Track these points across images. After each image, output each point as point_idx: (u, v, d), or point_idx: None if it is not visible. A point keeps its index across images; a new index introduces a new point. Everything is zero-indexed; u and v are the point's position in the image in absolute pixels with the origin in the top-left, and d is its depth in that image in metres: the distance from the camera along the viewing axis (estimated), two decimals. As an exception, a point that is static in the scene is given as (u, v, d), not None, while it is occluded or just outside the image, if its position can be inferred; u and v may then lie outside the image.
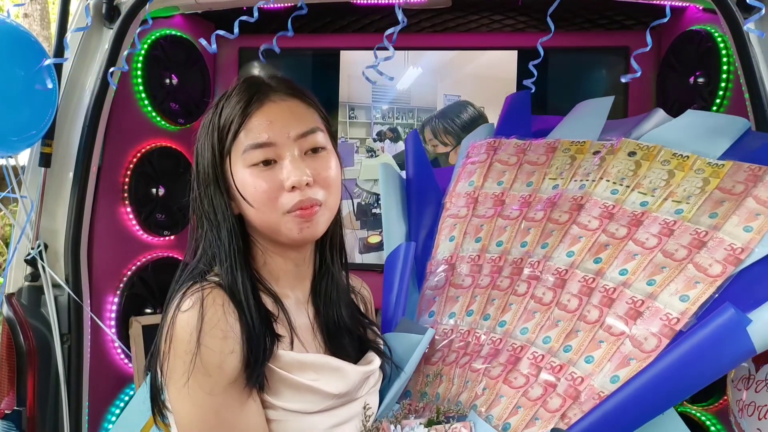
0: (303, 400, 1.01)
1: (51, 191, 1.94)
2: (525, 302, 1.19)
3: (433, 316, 1.28)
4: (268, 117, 1.02)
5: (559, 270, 1.19)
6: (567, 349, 1.10)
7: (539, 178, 1.36)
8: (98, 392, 2.04)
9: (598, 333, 1.09)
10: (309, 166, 1.02)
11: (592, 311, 1.12)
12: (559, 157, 1.38)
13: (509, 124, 1.53)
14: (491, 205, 1.37)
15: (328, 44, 2.53)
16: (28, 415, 1.83)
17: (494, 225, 1.33)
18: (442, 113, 2.47)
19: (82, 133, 1.96)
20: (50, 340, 1.88)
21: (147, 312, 2.24)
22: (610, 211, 1.22)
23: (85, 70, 2.00)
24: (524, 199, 1.34)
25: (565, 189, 1.31)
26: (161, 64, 2.31)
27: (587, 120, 1.45)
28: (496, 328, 1.20)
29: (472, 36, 2.55)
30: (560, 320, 1.13)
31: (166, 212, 2.34)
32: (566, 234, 1.23)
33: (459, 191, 1.43)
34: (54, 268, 1.92)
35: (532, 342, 1.14)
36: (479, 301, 1.25)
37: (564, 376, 1.08)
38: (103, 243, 2.10)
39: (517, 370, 1.12)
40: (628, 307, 1.09)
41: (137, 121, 2.27)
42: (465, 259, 1.32)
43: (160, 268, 2.31)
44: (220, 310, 0.97)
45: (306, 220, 1.01)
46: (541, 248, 1.24)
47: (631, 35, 2.43)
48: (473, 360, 1.17)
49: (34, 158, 1.92)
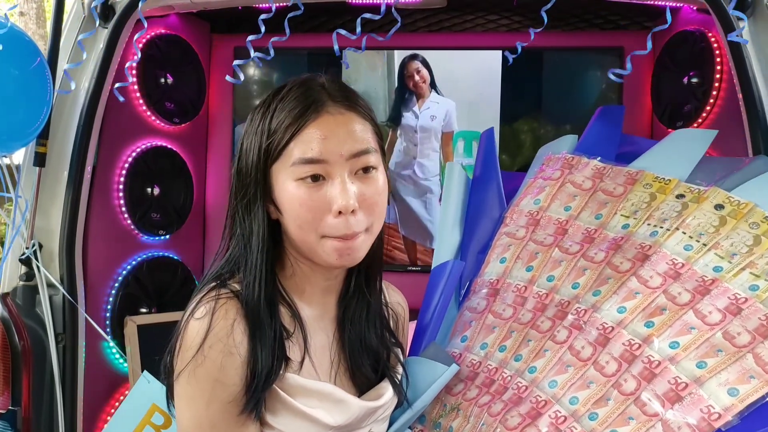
0: (300, 426, 0.98)
1: (46, 191, 1.94)
2: (561, 352, 1.09)
3: (465, 341, 1.20)
4: (323, 131, 0.96)
5: (605, 326, 1.08)
6: (593, 417, 1.00)
7: (610, 212, 1.22)
8: (93, 392, 2.04)
9: (630, 408, 0.99)
10: (357, 187, 0.97)
11: (629, 382, 1.01)
12: (638, 192, 1.22)
13: (594, 140, 1.38)
14: (552, 232, 1.25)
15: (323, 44, 2.53)
16: (23, 415, 1.83)
17: (549, 256, 1.22)
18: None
19: (77, 132, 1.96)
20: (45, 340, 1.87)
21: (142, 311, 2.24)
22: (678, 270, 1.09)
23: (79, 69, 1.99)
24: (588, 234, 1.22)
25: (634, 232, 1.18)
26: (156, 64, 2.30)
27: (681, 152, 1.28)
28: (525, 373, 1.10)
29: (468, 36, 2.55)
30: (593, 382, 1.03)
31: (161, 212, 2.33)
32: (622, 285, 1.11)
33: (522, 208, 1.32)
34: (49, 268, 1.91)
35: (558, 399, 1.04)
36: (514, 337, 1.15)
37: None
38: (97, 242, 2.10)
39: (535, 426, 1.03)
40: (669, 387, 0.98)
41: (132, 121, 2.26)
42: (511, 287, 1.22)
43: (156, 267, 2.31)
44: (230, 325, 0.95)
45: (347, 248, 0.98)
46: (593, 295, 1.13)
47: (626, 35, 2.44)
48: (493, 402, 1.09)
49: (29, 158, 1.91)
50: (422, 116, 2.48)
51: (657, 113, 2.30)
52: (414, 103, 2.49)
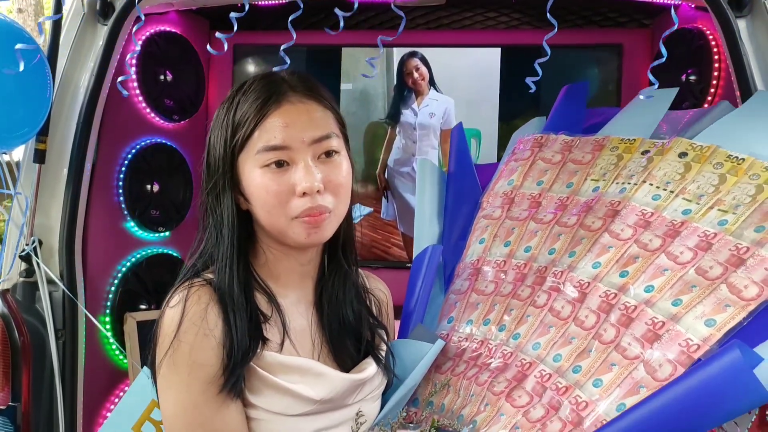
0: (284, 402, 1.00)
1: (45, 187, 1.94)
2: (542, 315, 1.12)
3: (452, 322, 1.23)
4: (284, 119, 1.01)
5: (582, 282, 1.10)
6: (576, 370, 1.02)
7: (581, 179, 1.25)
8: (93, 388, 2.05)
9: (612, 355, 1.01)
10: (321, 171, 1.01)
11: (609, 330, 1.03)
12: (606, 156, 1.26)
13: (561, 118, 1.42)
14: (526, 207, 1.28)
15: (321, 41, 2.53)
16: (23, 411, 1.83)
17: (525, 228, 1.25)
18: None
19: (77, 129, 1.96)
20: (45, 336, 1.88)
21: (142, 308, 2.24)
22: (647, 219, 1.11)
23: (79, 66, 2.00)
24: (561, 202, 1.25)
25: (604, 192, 1.20)
26: (156, 61, 2.31)
27: (644, 113, 1.31)
28: (509, 341, 1.13)
29: (466, 33, 2.55)
30: (575, 337, 1.06)
31: (160, 208, 2.34)
32: (596, 243, 1.13)
33: (497, 190, 1.35)
34: (48, 264, 1.91)
35: (542, 359, 1.07)
36: (497, 309, 1.18)
37: (568, 399, 1.00)
38: (97, 239, 2.10)
39: (522, 388, 1.05)
40: (647, 328, 1.00)
41: (132, 118, 2.27)
42: (491, 263, 1.25)
43: (155, 264, 2.32)
44: (203, 308, 0.98)
45: (314, 226, 1.01)
46: (569, 257, 1.15)
47: (624, 33, 2.45)
48: (481, 372, 1.11)
49: (29, 155, 1.91)
50: (421, 113, 2.49)
51: (655, 111, 2.30)
52: (413, 100, 2.49)
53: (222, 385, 0.96)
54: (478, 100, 2.47)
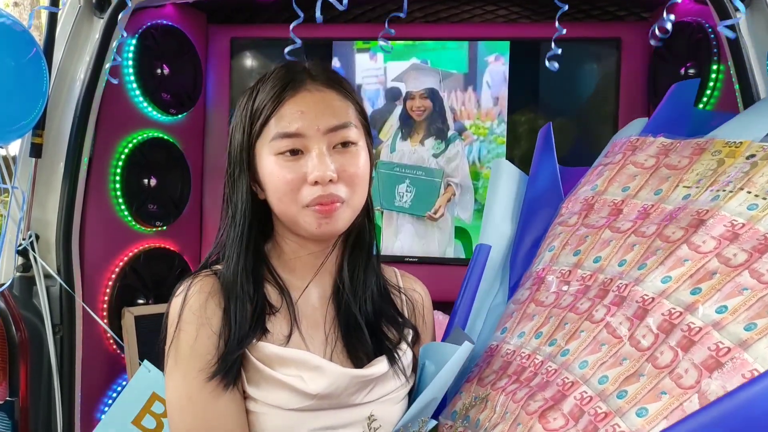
0: (282, 396, 0.99)
1: (42, 182, 1.94)
2: (596, 331, 1.00)
3: (504, 333, 1.14)
4: (300, 107, 1.00)
5: (645, 298, 0.97)
6: (621, 395, 0.91)
7: (671, 186, 1.09)
8: (91, 382, 2.05)
9: (663, 382, 0.88)
10: (336, 161, 0.99)
11: (665, 354, 0.90)
12: (705, 161, 1.08)
13: (663, 120, 1.25)
14: (606, 215, 1.15)
15: (320, 34, 2.53)
16: (21, 406, 1.83)
17: (599, 237, 1.12)
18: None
19: (73, 123, 1.96)
20: (42, 331, 1.88)
21: (139, 302, 2.24)
22: (736, 231, 0.95)
23: (75, 60, 1.99)
24: (644, 210, 1.10)
25: (694, 201, 1.04)
26: (152, 54, 2.29)
27: (760, 114, 1.15)
28: (557, 357, 1.02)
29: (465, 26, 2.54)
30: (626, 359, 0.93)
31: (158, 203, 2.33)
32: (671, 255, 0.99)
33: (578, 196, 1.23)
34: (45, 259, 1.91)
35: (586, 380, 0.96)
36: (552, 322, 1.07)
37: (605, 427, 0.89)
38: (94, 234, 2.10)
39: (558, 409, 0.95)
40: (709, 354, 0.86)
41: (128, 112, 2.26)
42: (556, 272, 1.14)
43: (153, 258, 2.31)
44: (203, 298, 0.99)
45: (325, 216, 0.99)
46: (638, 269, 1.02)
47: (623, 26, 2.44)
48: (520, 389, 1.02)
49: (25, 149, 1.91)
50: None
51: (653, 105, 2.30)
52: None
53: (214, 374, 0.96)
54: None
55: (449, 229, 2.50)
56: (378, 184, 2.52)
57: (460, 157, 2.48)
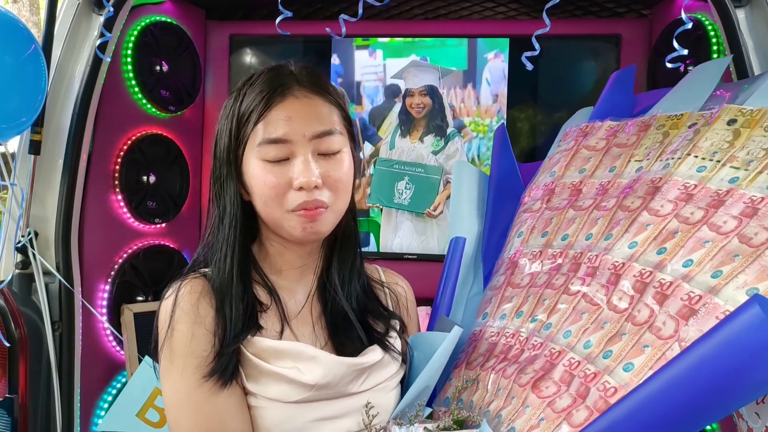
0: (280, 388, 1.00)
1: (41, 179, 1.93)
2: (575, 302, 1.05)
3: (486, 318, 1.18)
4: (288, 112, 1.01)
5: (616, 264, 1.03)
6: (606, 355, 0.96)
7: (624, 162, 1.17)
8: (90, 379, 2.05)
9: (645, 336, 0.93)
10: (321, 167, 1.01)
11: (643, 311, 0.96)
12: (651, 136, 1.17)
13: (608, 106, 1.34)
14: (566, 196, 1.22)
15: (318, 31, 2.52)
16: (20, 403, 1.83)
17: (564, 217, 1.18)
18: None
19: (72, 120, 1.95)
20: (41, 328, 1.88)
21: (138, 300, 2.24)
22: (690, 192, 1.02)
23: (74, 56, 1.99)
24: (602, 187, 1.17)
25: (647, 171, 1.12)
26: (151, 51, 2.29)
27: (694, 89, 1.23)
28: (540, 331, 1.07)
29: (464, 23, 2.54)
30: (607, 322, 0.99)
31: (157, 200, 2.33)
32: (633, 222, 1.05)
33: (538, 183, 1.30)
34: (45, 256, 1.91)
35: (572, 347, 1.01)
36: (531, 301, 1.13)
37: (596, 386, 0.94)
38: (93, 231, 2.10)
39: (549, 378, 0.99)
40: (683, 304, 0.92)
41: (127, 109, 2.26)
42: (527, 255, 1.20)
43: (152, 255, 2.31)
44: (194, 298, 1.01)
45: (310, 220, 1.01)
46: (605, 240, 1.08)
47: (622, 23, 2.43)
48: (509, 365, 1.06)
49: (24, 146, 1.91)
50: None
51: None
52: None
53: (212, 371, 0.98)
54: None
55: (448, 227, 2.50)
56: (377, 182, 2.52)
57: (460, 155, 2.48)
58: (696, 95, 1.20)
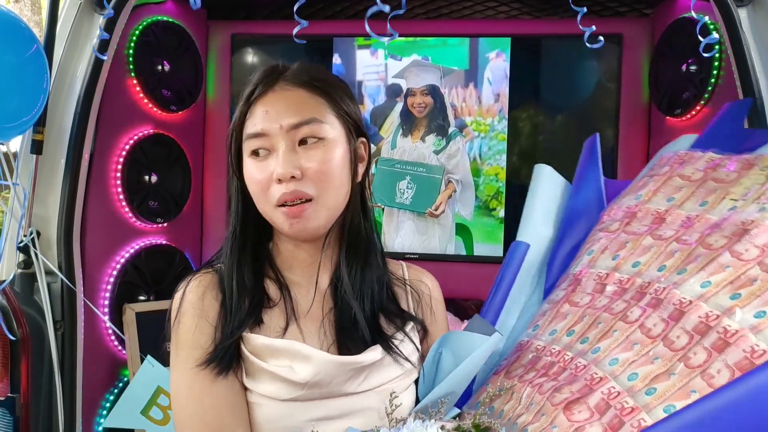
0: (273, 386, 1.01)
1: (43, 178, 1.94)
2: (630, 331, 1.00)
3: (536, 330, 1.14)
4: (265, 106, 1.02)
5: (683, 301, 0.97)
6: (650, 392, 0.90)
7: (718, 198, 1.09)
8: (92, 379, 2.05)
9: (694, 381, 0.88)
10: (302, 158, 1.00)
11: (699, 354, 0.90)
12: (753, 176, 1.08)
13: (714, 137, 1.26)
14: (648, 223, 1.15)
15: (320, 31, 2.52)
16: (22, 402, 1.83)
17: (640, 243, 1.12)
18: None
19: (74, 119, 1.95)
20: (44, 327, 1.88)
21: (140, 299, 2.24)
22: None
23: (76, 56, 1.99)
24: (689, 220, 1.10)
25: (741, 211, 1.04)
26: (153, 51, 2.29)
27: None
28: (587, 354, 1.02)
29: (466, 23, 2.54)
30: (658, 358, 0.93)
31: (158, 199, 2.33)
32: (712, 261, 0.98)
33: (621, 204, 1.23)
34: (47, 256, 1.91)
35: (616, 376, 0.95)
36: (585, 321, 1.08)
37: (630, 422, 0.88)
38: (95, 230, 2.10)
39: (584, 402, 0.95)
40: (743, 356, 0.85)
41: (129, 108, 2.26)
42: (593, 275, 1.14)
43: (153, 255, 2.31)
44: (200, 292, 1.03)
45: (293, 216, 1.01)
46: (677, 274, 1.02)
47: (624, 22, 2.43)
48: (547, 381, 1.02)
49: (26, 145, 1.91)
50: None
51: (655, 101, 2.30)
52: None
53: (209, 360, 1.00)
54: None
55: (450, 226, 2.50)
56: (379, 181, 2.51)
57: (461, 154, 2.47)
58: None
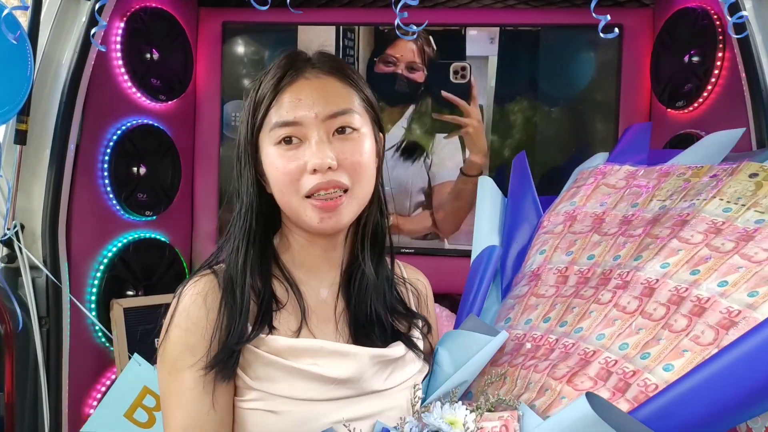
0: (304, 386, 0.97)
1: (27, 170, 1.89)
2: (606, 310, 1.11)
3: (509, 323, 1.22)
4: (298, 94, 0.99)
5: (650, 280, 1.09)
6: (644, 356, 1.00)
7: (646, 200, 1.27)
8: (79, 377, 2.01)
9: (683, 342, 0.99)
10: (336, 148, 0.98)
11: (680, 320, 1.01)
12: (673, 181, 1.27)
13: (624, 154, 1.45)
14: (589, 224, 1.30)
15: (313, 19, 2.47)
16: (6, 401, 1.80)
17: (589, 240, 1.26)
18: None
19: (59, 109, 1.91)
20: (28, 324, 1.84)
21: (128, 294, 2.19)
22: (718, 227, 1.11)
23: (61, 43, 1.94)
24: (626, 219, 1.26)
25: (672, 208, 1.21)
26: (141, 38, 2.23)
27: (709, 150, 1.37)
28: (571, 334, 1.11)
29: (459, 12, 2.50)
30: (642, 329, 1.04)
31: (147, 191, 2.28)
32: (664, 247, 1.13)
33: (558, 211, 1.38)
34: (31, 250, 1.87)
35: (608, 348, 1.05)
36: (558, 308, 1.18)
37: (636, 382, 0.98)
38: (82, 223, 2.05)
39: (584, 374, 1.03)
40: (722, 316, 0.98)
41: (116, 98, 2.20)
42: (552, 270, 1.26)
43: (142, 249, 2.26)
44: (199, 297, 0.99)
45: (327, 210, 0.98)
46: (634, 261, 1.15)
47: (624, 12, 2.39)
48: (540, 361, 1.10)
49: (9, 135, 1.85)
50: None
51: (656, 93, 2.26)
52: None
53: (210, 368, 0.96)
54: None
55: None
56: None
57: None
58: (710, 156, 1.32)
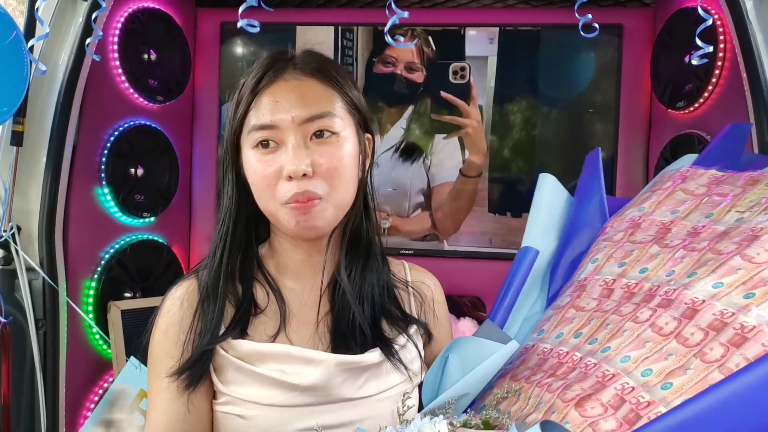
0: (265, 391, 0.96)
1: (24, 171, 1.88)
2: (641, 330, 0.99)
3: (541, 335, 1.14)
4: (275, 97, 0.97)
5: (695, 300, 0.97)
6: (666, 387, 0.90)
7: (723, 210, 1.11)
8: (75, 380, 2.00)
9: (712, 375, 0.87)
10: (314, 153, 0.95)
11: (715, 350, 0.89)
12: (759, 191, 1.10)
13: (714, 156, 1.29)
14: (653, 233, 1.16)
15: (311, 19, 2.46)
16: (3, 404, 1.79)
17: (646, 252, 1.12)
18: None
19: (56, 110, 1.90)
20: (25, 326, 1.83)
21: (126, 296, 2.18)
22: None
23: (58, 44, 1.92)
24: (695, 230, 1.11)
25: (748, 221, 1.05)
26: (139, 39, 2.22)
27: None
28: (597, 353, 1.01)
29: (458, 12, 2.49)
30: (672, 354, 0.93)
31: (145, 193, 2.27)
32: (723, 264, 0.99)
33: (624, 216, 1.25)
34: (27, 252, 1.86)
35: (629, 372, 0.95)
36: (593, 324, 1.07)
37: (647, 415, 0.88)
38: (79, 225, 2.04)
39: (597, 399, 0.94)
40: (762, 350, 0.85)
41: (114, 98, 2.19)
42: (599, 281, 1.15)
43: (139, 250, 2.25)
44: (177, 301, 1.01)
45: (303, 212, 0.95)
46: (687, 277, 1.02)
47: (625, 12, 2.38)
48: (556, 381, 1.02)
49: (6, 137, 1.84)
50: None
51: (657, 93, 2.25)
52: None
53: (180, 372, 0.97)
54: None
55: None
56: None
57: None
58: None
